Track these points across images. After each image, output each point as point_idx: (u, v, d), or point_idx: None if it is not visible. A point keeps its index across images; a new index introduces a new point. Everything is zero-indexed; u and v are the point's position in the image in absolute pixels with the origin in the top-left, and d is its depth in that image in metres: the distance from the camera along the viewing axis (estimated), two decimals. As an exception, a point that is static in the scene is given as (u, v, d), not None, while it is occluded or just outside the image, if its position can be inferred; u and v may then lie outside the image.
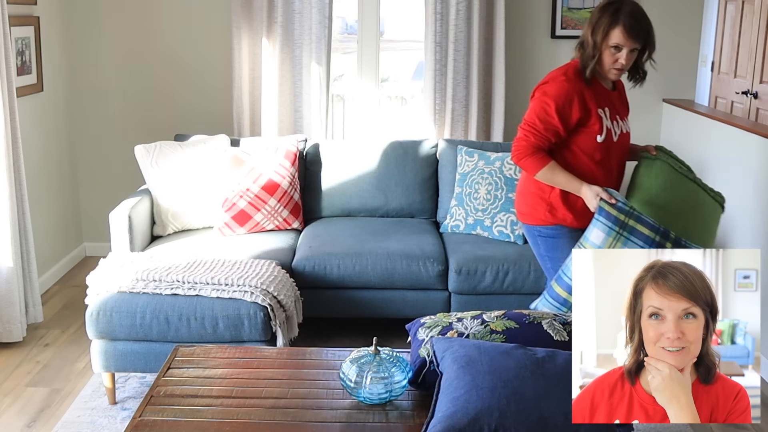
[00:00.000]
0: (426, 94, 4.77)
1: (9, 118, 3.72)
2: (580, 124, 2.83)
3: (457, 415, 1.98)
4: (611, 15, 2.77)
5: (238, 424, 2.20)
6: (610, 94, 2.92)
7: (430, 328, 2.48)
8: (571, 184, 2.81)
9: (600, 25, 2.79)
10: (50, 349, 3.79)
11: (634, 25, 2.74)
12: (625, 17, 2.74)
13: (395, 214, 4.33)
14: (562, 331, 2.40)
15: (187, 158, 4.02)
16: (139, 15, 4.82)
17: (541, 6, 4.87)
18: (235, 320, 3.12)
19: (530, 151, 2.85)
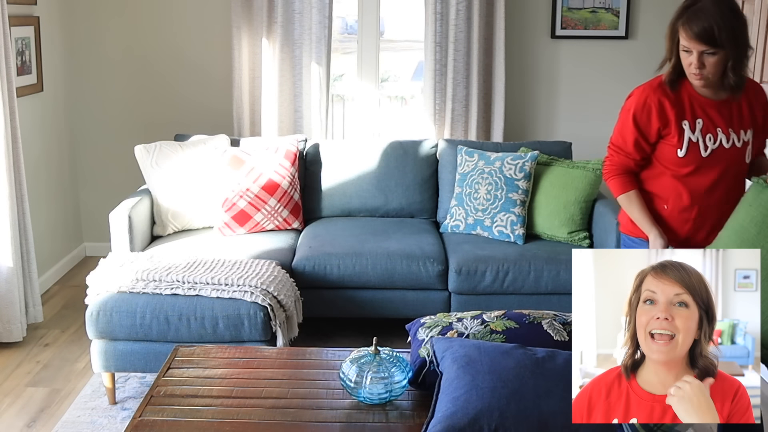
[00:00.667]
0: (426, 94, 4.77)
1: (9, 118, 3.72)
2: (660, 135, 2.58)
3: (457, 415, 1.98)
4: (682, 11, 2.43)
5: (238, 424, 2.20)
6: (713, 104, 2.53)
7: (430, 328, 2.48)
8: (642, 223, 2.63)
9: (672, 23, 2.47)
10: (50, 349, 3.79)
11: (698, 23, 2.36)
12: (691, 15, 2.38)
13: (395, 214, 4.33)
14: (562, 331, 2.40)
15: (187, 158, 4.02)
16: (139, 15, 4.82)
17: (541, 6, 4.87)
18: (235, 320, 3.12)
19: (614, 172, 2.70)
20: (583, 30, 4.87)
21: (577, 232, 3.94)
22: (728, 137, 2.53)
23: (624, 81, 4.97)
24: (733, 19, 2.38)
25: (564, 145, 4.35)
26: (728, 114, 2.54)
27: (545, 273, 3.70)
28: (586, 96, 5.02)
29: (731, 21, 2.37)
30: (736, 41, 2.39)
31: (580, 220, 3.95)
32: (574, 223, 3.94)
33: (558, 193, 3.95)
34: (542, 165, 4.07)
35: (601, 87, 5.00)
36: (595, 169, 3.97)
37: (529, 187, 3.97)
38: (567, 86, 5.00)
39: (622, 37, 4.88)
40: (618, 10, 4.83)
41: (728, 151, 2.53)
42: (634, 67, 4.94)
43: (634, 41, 4.91)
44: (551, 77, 4.99)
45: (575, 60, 4.95)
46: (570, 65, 4.96)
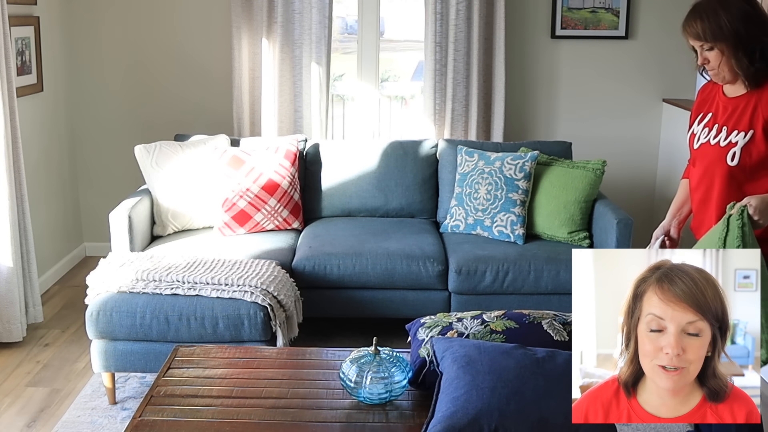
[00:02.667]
0: (426, 94, 4.77)
1: (9, 118, 3.72)
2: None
3: (457, 415, 1.98)
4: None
5: (238, 424, 2.20)
6: (729, 101, 2.45)
7: (430, 328, 2.48)
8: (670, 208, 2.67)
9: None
10: (50, 349, 3.79)
11: (686, 19, 2.37)
12: (689, 11, 2.39)
13: (395, 214, 4.33)
14: (562, 331, 2.40)
15: (187, 158, 4.02)
16: (139, 14, 4.82)
17: (541, 6, 4.87)
18: (235, 320, 3.12)
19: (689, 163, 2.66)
20: (583, 30, 4.87)
21: (577, 232, 3.94)
22: (717, 134, 2.44)
23: (624, 81, 4.99)
24: (721, 11, 2.32)
25: (564, 145, 4.35)
26: (733, 111, 2.43)
27: (545, 273, 3.70)
28: (586, 96, 5.02)
29: (718, 13, 2.32)
30: (723, 34, 2.32)
31: (580, 220, 3.95)
32: (574, 223, 3.94)
33: (558, 193, 3.95)
34: (542, 165, 4.07)
35: (601, 87, 5.00)
36: (595, 169, 3.97)
37: (529, 187, 3.97)
38: (567, 86, 4.99)
39: (622, 37, 4.88)
40: (618, 10, 4.83)
41: (711, 148, 2.44)
42: (634, 67, 4.94)
43: (634, 41, 4.91)
44: (551, 77, 4.98)
45: (575, 60, 4.95)
46: (570, 65, 4.96)
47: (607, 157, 4.45)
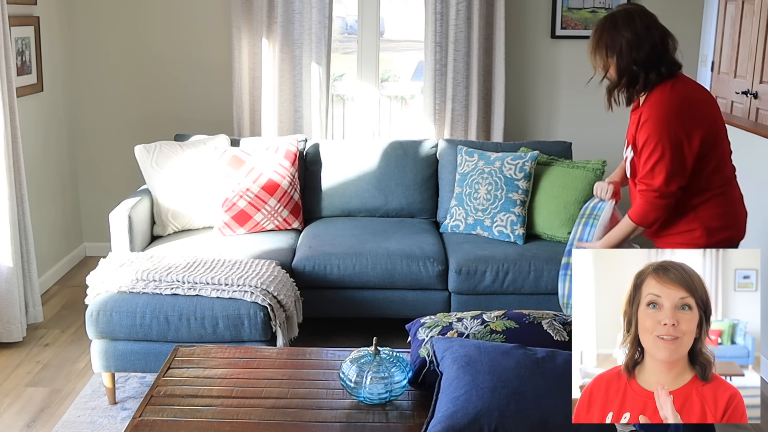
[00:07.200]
0: (426, 94, 4.77)
1: (9, 118, 3.72)
2: None
3: (457, 415, 1.98)
4: None
5: (238, 424, 2.20)
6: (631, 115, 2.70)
7: (430, 328, 2.48)
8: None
9: None
10: (50, 349, 3.79)
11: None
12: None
13: (395, 214, 4.33)
14: (562, 331, 2.40)
15: (187, 158, 4.02)
16: (139, 15, 4.82)
17: (541, 6, 4.87)
18: (235, 320, 3.12)
19: None
20: (583, 30, 4.87)
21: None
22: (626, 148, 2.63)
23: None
24: (595, 35, 2.63)
25: (564, 145, 4.35)
26: (630, 125, 2.65)
27: (545, 273, 3.70)
28: (586, 96, 5.01)
29: (594, 37, 2.64)
30: (595, 55, 2.68)
31: (580, 220, 3.95)
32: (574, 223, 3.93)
33: (558, 193, 3.95)
34: (542, 165, 4.07)
35: (601, 87, 4.97)
36: (595, 169, 3.97)
37: (529, 187, 3.97)
38: (567, 86, 4.99)
39: (622, 37, 4.88)
40: (618, 10, 4.83)
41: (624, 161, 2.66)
42: (634, 67, 4.94)
43: (634, 41, 4.91)
44: (551, 77, 4.98)
45: (575, 60, 4.94)
46: (570, 65, 4.96)
47: (607, 157, 4.45)
